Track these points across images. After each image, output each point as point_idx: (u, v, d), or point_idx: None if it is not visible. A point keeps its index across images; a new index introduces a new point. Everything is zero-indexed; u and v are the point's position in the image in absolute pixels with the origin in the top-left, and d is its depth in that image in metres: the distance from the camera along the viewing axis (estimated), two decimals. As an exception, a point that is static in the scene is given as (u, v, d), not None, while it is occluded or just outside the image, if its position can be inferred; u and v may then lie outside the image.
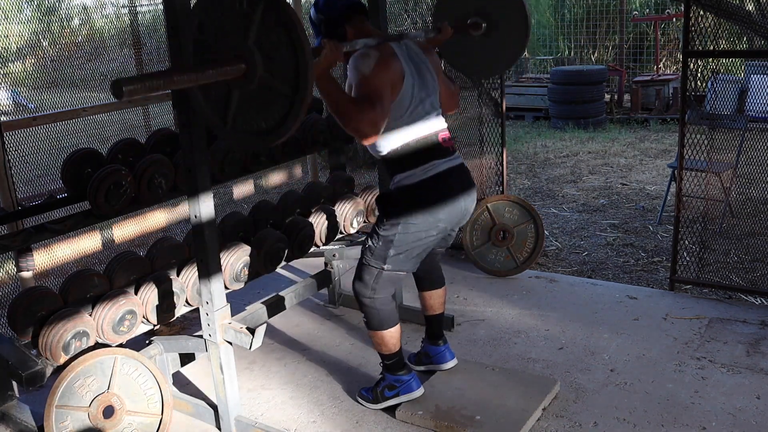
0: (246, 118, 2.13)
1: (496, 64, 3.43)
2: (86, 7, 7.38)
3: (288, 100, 2.01)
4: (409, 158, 2.64)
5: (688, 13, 3.56)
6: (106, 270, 2.88)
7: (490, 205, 4.21)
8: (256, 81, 2.05)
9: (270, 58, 2.01)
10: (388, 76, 2.52)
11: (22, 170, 4.12)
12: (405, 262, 2.74)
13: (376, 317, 2.79)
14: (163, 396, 2.76)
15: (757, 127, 4.48)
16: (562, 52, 11.61)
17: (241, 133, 2.16)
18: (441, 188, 2.65)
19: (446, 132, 2.74)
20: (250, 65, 2.03)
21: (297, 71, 1.97)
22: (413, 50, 2.71)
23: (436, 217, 2.65)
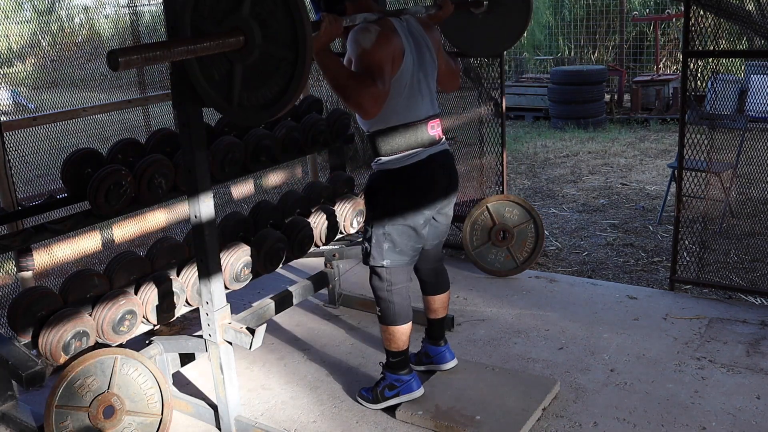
0: (251, 92, 2.11)
1: (498, 42, 3.40)
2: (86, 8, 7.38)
3: (290, 64, 1.99)
4: (395, 141, 2.63)
5: (688, 13, 3.56)
6: (106, 270, 2.88)
7: (490, 205, 4.21)
8: (257, 51, 2.03)
9: (267, 25, 2.00)
10: (389, 50, 2.48)
11: (22, 170, 4.12)
12: (403, 254, 2.76)
13: (390, 311, 2.80)
14: (163, 396, 2.76)
15: (757, 127, 4.47)
16: (562, 52, 11.61)
17: (248, 109, 2.14)
18: (422, 175, 2.65)
19: (436, 119, 2.72)
20: (248, 35, 2.02)
21: (295, 33, 1.94)
22: (414, 26, 2.67)
23: (418, 205, 2.67)
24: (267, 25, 2.00)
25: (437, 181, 2.72)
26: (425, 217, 2.72)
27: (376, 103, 2.41)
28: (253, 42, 2.02)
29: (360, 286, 4.07)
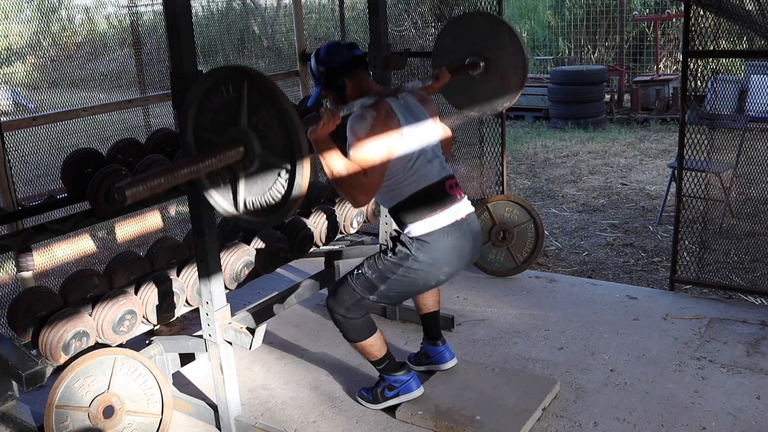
0: (255, 197, 2.22)
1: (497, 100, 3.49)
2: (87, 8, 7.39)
3: (289, 173, 2.10)
4: (417, 209, 2.64)
5: (688, 13, 3.56)
6: (106, 270, 2.88)
7: (490, 205, 4.21)
8: (257, 160, 2.14)
9: (264, 135, 2.10)
10: (384, 136, 2.55)
11: (22, 170, 4.11)
12: (391, 299, 2.77)
13: (351, 330, 2.79)
14: (163, 396, 2.76)
15: (757, 127, 4.47)
16: (562, 52, 11.61)
17: (254, 213, 2.26)
18: (449, 242, 2.65)
19: (452, 178, 2.76)
20: (247, 146, 2.12)
21: (291, 143, 2.05)
22: (411, 102, 2.74)
23: (440, 270, 2.67)
24: (265, 135, 2.10)
25: (461, 250, 2.70)
26: (440, 281, 2.74)
27: (365, 194, 2.50)
28: (252, 152, 2.13)
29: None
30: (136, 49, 5.76)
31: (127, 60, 6.27)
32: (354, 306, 2.73)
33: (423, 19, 6.90)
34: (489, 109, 3.59)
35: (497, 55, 3.32)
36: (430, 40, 5.94)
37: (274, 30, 9.26)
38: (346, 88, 2.70)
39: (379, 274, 2.67)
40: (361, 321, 2.77)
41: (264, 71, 8.76)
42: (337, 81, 2.70)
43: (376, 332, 2.81)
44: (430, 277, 2.68)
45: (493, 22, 3.35)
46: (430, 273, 2.66)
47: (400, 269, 2.64)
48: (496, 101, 3.48)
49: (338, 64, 2.70)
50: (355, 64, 2.72)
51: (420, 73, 6.02)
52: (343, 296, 2.74)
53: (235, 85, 2.11)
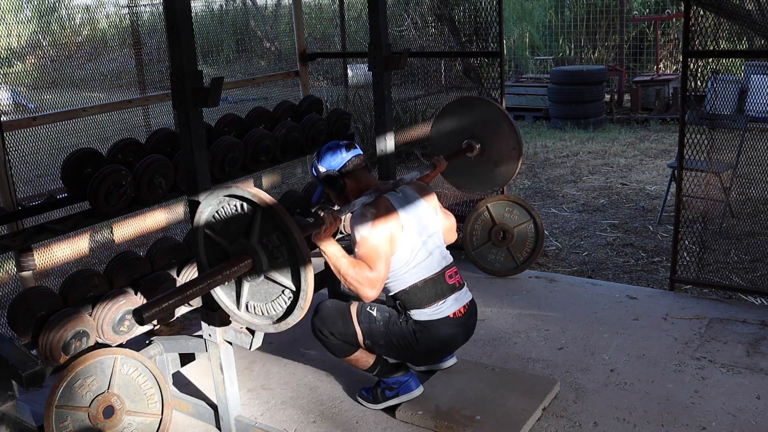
0: (257, 303, 2.35)
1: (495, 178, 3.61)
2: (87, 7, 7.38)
3: (292, 295, 2.24)
4: (417, 297, 2.74)
5: (688, 13, 3.56)
6: (106, 270, 2.88)
7: (490, 205, 4.21)
8: (263, 274, 2.27)
9: (273, 257, 2.22)
10: (386, 231, 2.65)
11: (22, 170, 4.11)
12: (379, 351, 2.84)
13: (335, 348, 2.84)
14: (163, 396, 2.76)
15: (757, 127, 4.47)
16: (563, 52, 11.61)
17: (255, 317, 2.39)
18: (446, 334, 2.77)
19: (452, 268, 2.85)
20: (255, 260, 2.25)
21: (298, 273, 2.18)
22: (410, 195, 2.84)
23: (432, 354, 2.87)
24: (273, 256, 2.23)
25: (456, 340, 2.85)
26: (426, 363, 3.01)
27: (373, 287, 2.60)
28: (259, 267, 2.26)
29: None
30: (136, 49, 5.77)
31: (127, 60, 6.27)
32: (341, 335, 2.79)
33: (423, 19, 6.90)
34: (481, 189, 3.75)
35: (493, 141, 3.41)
36: (430, 40, 5.95)
37: (274, 30, 9.26)
38: (346, 187, 2.82)
39: (386, 332, 2.76)
40: (343, 340, 2.82)
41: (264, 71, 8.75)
42: (338, 181, 2.82)
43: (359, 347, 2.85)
44: (421, 357, 2.85)
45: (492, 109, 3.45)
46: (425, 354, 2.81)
47: (402, 341, 2.75)
48: (489, 183, 3.70)
49: (338, 167, 2.81)
50: (354, 165, 2.83)
51: (420, 74, 6.02)
52: (335, 321, 2.79)
53: (250, 205, 2.23)
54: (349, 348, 2.82)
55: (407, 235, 2.72)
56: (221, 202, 2.32)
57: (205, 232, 2.40)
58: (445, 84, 5.42)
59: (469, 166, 3.56)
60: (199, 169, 2.52)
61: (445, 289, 2.77)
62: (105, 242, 4.39)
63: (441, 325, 2.74)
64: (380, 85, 3.45)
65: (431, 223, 2.85)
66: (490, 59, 4.39)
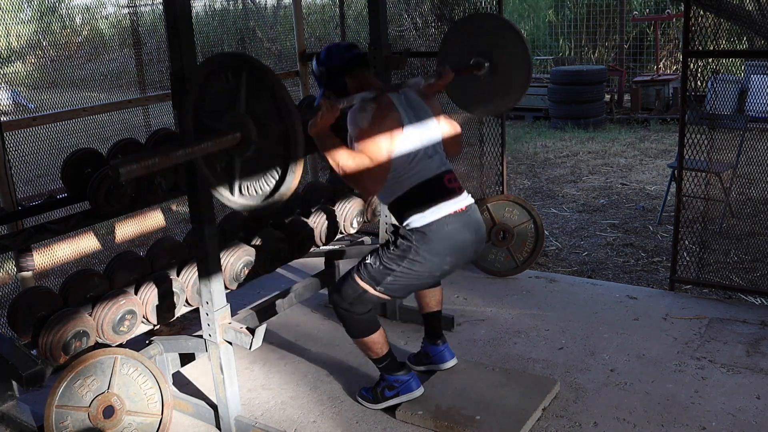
0: (251, 182, 2.22)
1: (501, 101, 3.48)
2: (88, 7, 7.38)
3: (283, 160, 2.10)
4: (416, 203, 2.65)
5: (688, 13, 3.56)
6: (106, 270, 2.88)
7: (490, 205, 4.21)
8: (253, 146, 2.14)
9: (262, 123, 2.11)
10: (386, 127, 2.56)
11: (22, 170, 4.11)
12: (397, 291, 2.76)
13: (355, 325, 2.80)
14: (163, 396, 2.76)
15: (757, 127, 4.47)
16: (563, 51, 11.61)
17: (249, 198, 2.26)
18: (450, 232, 2.65)
19: (451, 173, 2.76)
20: (244, 133, 2.13)
21: (286, 130, 2.05)
22: (412, 98, 2.75)
23: (443, 260, 2.67)
24: (261, 122, 2.11)
25: (463, 239, 2.70)
26: (444, 270, 2.74)
27: (375, 181, 2.52)
28: (249, 138, 2.13)
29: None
30: (136, 49, 5.77)
31: (127, 60, 6.27)
32: (357, 300, 2.73)
33: (423, 19, 6.90)
34: (492, 109, 3.60)
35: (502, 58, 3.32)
36: (430, 40, 5.95)
37: (274, 30, 9.26)
38: (347, 86, 2.72)
39: (384, 267, 2.67)
40: (365, 317, 2.77)
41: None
42: (339, 80, 2.72)
43: (378, 330, 2.82)
44: (434, 269, 2.67)
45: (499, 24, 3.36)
46: (433, 264, 2.65)
47: (404, 261, 2.64)
48: (498, 103, 3.47)
49: (339, 63, 2.73)
50: (355, 63, 2.74)
51: (420, 74, 6.02)
52: (347, 291, 2.75)
53: (234, 73, 2.12)
54: (368, 326, 2.78)
55: (407, 137, 2.62)
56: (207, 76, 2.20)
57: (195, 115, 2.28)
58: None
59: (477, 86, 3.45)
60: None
61: (444, 192, 2.67)
62: (105, 242, 4.39)
63: (442, 224, 2.61)
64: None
65: (432, 127, 2.75)
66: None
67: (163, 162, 2.00)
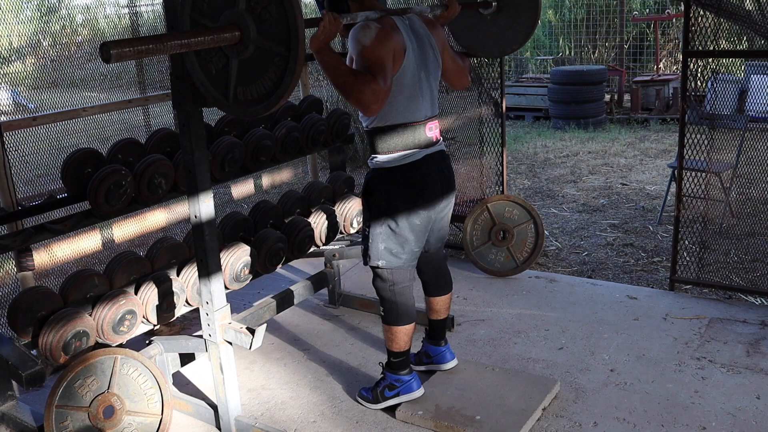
0: (246, 86, 2.13)
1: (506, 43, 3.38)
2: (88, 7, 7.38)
3: (283, 59, 2.00)
4: (392, 140, 2.62)
5: (688, 13, 3.56)
6: (106, 270, 2.88)
7: (490, 205, 4.21)
8: (252, 45, 2.05)
9: (262, 20, 2.01)
10: (389, 47, 2.47)
11: (22, 170, 4.11)
12: (398, 257, 2.74)
13: (393, 311, 2.80)
14: (163, 396, 2.76)
15: (757, 127, 4.47)
16: (563, 52, 11.61)
17: (244, 103, 2.16)
18: (417, 175, 2.64)
19: (435, 120, 2.71)
20: (243, 30, 2.04)
21: (288, 28, 1.95)
22: (417, 24, 2.66)
23: (414, 205, 2.65)
24: (262, 19, 2.01)
25: (433, 181, 2.70)
26: (421, 217, 2.70)
27: (377, 99, 2.41)
28: (248, 37, 2.04)
29: (360, 286, 4.07)
30: (136, 48, 5.75)
31: (127, 60, 6.26)
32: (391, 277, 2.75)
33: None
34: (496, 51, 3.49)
35: None
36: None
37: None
38: (350, 10, 2.60)
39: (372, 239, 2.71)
40: (406, 305, 2.79)
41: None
42: (341, 3, 2.62)
43: (411, 324, 2.83)
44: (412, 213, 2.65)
45: None
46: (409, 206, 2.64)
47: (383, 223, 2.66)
48: (503, 44, 3.40)
49: None
50: None
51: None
52: (377, 273, 2.78)
53: None
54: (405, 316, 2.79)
55: (407, 63, 2.54)
56: None
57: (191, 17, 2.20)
58: (444, 84, 5.42)
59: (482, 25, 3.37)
60: (199, 168, 2.52)
61: (422, 141, 2.64)
62: (105, 242, 4.39)
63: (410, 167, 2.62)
64: None
65: (432, 62, 2.67)
66: (490, 59, 4.39)
67: (157, 49, 1.90)
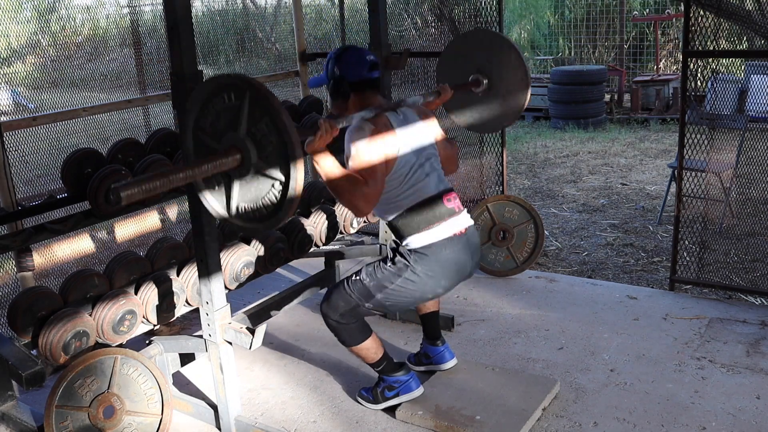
0: (247, 205, 2.24)
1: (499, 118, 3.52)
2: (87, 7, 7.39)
3: (282, 185, 2.11)
4: (414, 221, 2.66)
5: (688, 13, 3.56)
6: (106, 270, 2.88)
7: (490, 205, 4.21)
8: (252, 169, 2.15)
9: (262, 147, 2.12)
10: (381, 148, 2.56)
11: (22, 170, 4.11)
12: (387, 308, 2.78)
13: (346, 335, 2.80)
14: (163, 396, 2.76)
15: (757, 127, 4.47)
16: (562, 51, 11.61)
17: (245, 219, 2.28)
18: (448, 255, 2.65)
19: (450, 192, 2.76)
20: (244, 154, 2.14)
21: (287, 157, 2.06)
22: (410, 117, 2.75)
23: (438, 282, 2.68)
24: (262, 146, 2.12)
25: (459, 264, 2.71)
26: (436, 293, 2.75)
27: (368, 202, 2.51)
28: (248, 161, 2.15)
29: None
30: (136, 49, 5.77)
31: (127, 60, 6.27)
32: (348, 313, 2.75)
33: (423, 19, 6.90)
34: (489, 127, 3.64)
35: (501, 75, 3.36)
36: (430, 40, 5.95)
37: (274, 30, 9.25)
38: (350, 100, 2.73)
39: (377, 283, 2.68)
40: (355, 326, 2.79)
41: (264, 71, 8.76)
42: (345, 92, 2.72)
43: (371, 335, 2.83)
44: (427, 290, 2.69)
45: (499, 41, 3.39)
46: (427, 285, 2.66)
47: (398, 279, 2.65)
48: (496, 120, 3.52)
49: (353, 79, 2.71)
50: (368, 84, 2.74)
51: (420, 74, 6.02)
52: (338, 302, 2.75)
53: (237, 94, 2.13)
54: (359, 335, 2.78)
55: (404, 157, 2.62)
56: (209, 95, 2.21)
57: (194, 133, 2.29)
58: (445, 84, 5.42)
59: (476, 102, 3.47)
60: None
61: (443, 212, 2.68)
62: (105, 242, 4.39)
63: (440, 247, 2.63)
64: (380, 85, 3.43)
65: (430, 147, 2.76)
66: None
67: (164, 185, 2.01)
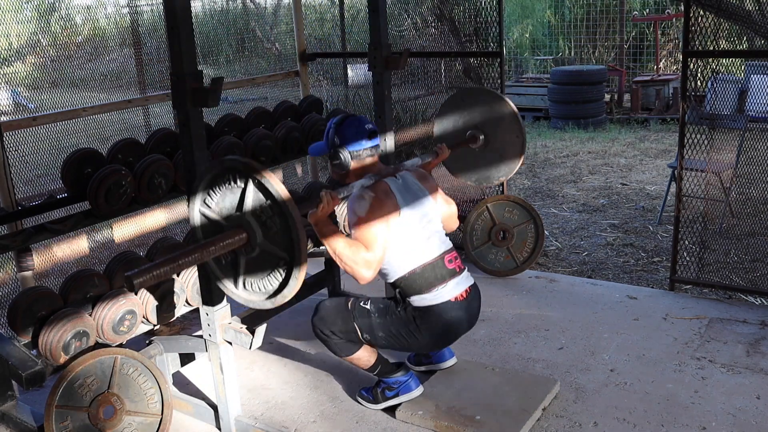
0: (254, 279, 2.32)
1: (497, 171, 3.63)
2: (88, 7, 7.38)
3: (287, 264, 2.19)
4: (417, 284, 2.71)
5: (688, 13, 3.56)
6: (106, 270, 2.88)
7: (490, 205, 4.21)
8: (258, 247, 2.23)
9: (267, 227, 2.20)
10: (382, 215, 2.63)
11: (22, 170, 4.11)
12: (382, 346, 2.82)
13: (335, 346, 2.84)
14: (163, 396, 2.76)
15: (757, 127, 4.47)
16: (562, 51, 11.61)
17: (252, 293, 2.35)
18: (449, 319, 2.73)
19: (452, 252, 2.81)
20: (249, 234, 2.22)
21: (291, 239, 2.14)
22: (410, 181, 2.81)
23: (437, 340, 2.79)
24: (267, 227, 2.19)
25: (459, 324, 2.78)
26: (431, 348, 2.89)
27: (369, 269, 2.57)
28: (254, 240, 2.23)
29: (359, 287, 4.06)
30: (136, 49, 5.77)
31: (127, 60, 6.27)
32: (342, 332, 2.79)
33: (423, 19, 6.89)
34: (486, 180, 3.80)
35: (497, 132, 3.43)
36: (430, 40, 5.95)
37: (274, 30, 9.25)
38: (350, 167, 2.78)
39: (383, 322, 2.74)
40: (345, 339, 2.81)
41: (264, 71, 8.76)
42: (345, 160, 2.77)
43: (362, 347, 2.84)
44: (423, 343, 2.78)
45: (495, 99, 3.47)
46: (425, 339, 2.75)
47: (403, 330, 2.73)
48: (493, 174, 3.66)
49: (352, 149, 2.76)
50: (366, 155, 2.79)
51: (420, 74, 6.03)
52: (334, 320, 2.79)
53: (242, 178, 2.20)
54: (350, 346, 2.81)
55: (404, 221, 2.69)
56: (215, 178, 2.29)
57: (200, 211, 2.38)
58: (445, 84, 5.42)
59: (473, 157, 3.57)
60: (199, 169, 2.52)
61: (445, 274, 2.74)
62: (105, 242, 4.39)
63: (442, 310, 2.70)
64: (380, 85, 3.45)
65: (430, 209, 2.82)
66: (490, 59, 4.39)
67: (174, 270, 2.10)
